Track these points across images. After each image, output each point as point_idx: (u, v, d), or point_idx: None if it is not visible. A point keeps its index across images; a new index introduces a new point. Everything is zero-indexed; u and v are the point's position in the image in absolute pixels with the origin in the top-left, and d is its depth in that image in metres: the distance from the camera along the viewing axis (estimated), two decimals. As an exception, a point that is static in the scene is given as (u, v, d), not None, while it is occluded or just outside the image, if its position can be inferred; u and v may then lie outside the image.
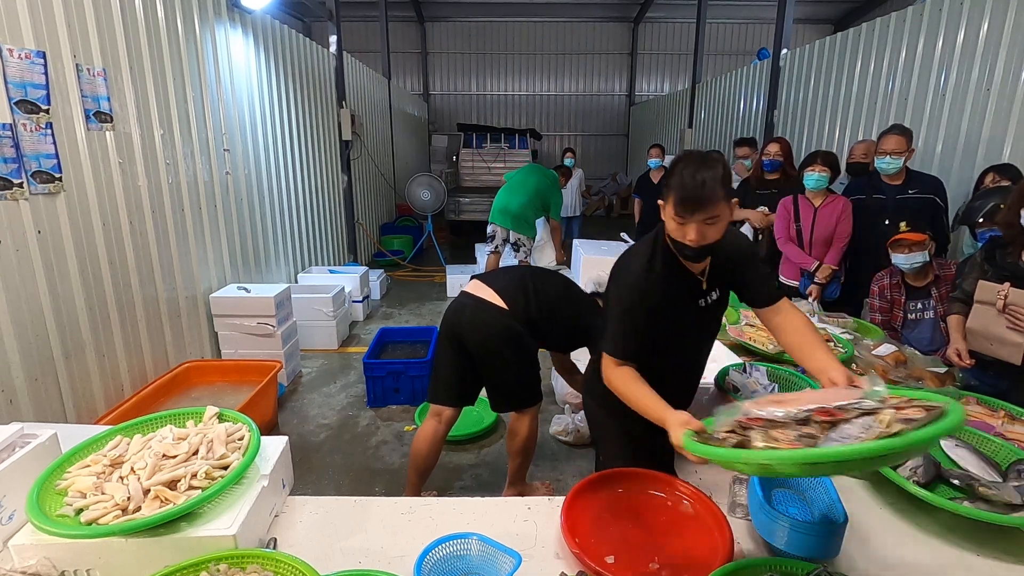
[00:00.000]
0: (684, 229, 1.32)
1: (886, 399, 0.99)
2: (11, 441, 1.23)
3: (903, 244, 2.54)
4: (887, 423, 0.92)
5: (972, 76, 3.64)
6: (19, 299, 2.38)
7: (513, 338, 2.17)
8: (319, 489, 2.85)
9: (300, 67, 5.50)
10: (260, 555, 1.10)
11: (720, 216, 1.30)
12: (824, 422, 0.98)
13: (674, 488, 1.41)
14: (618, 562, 1.18)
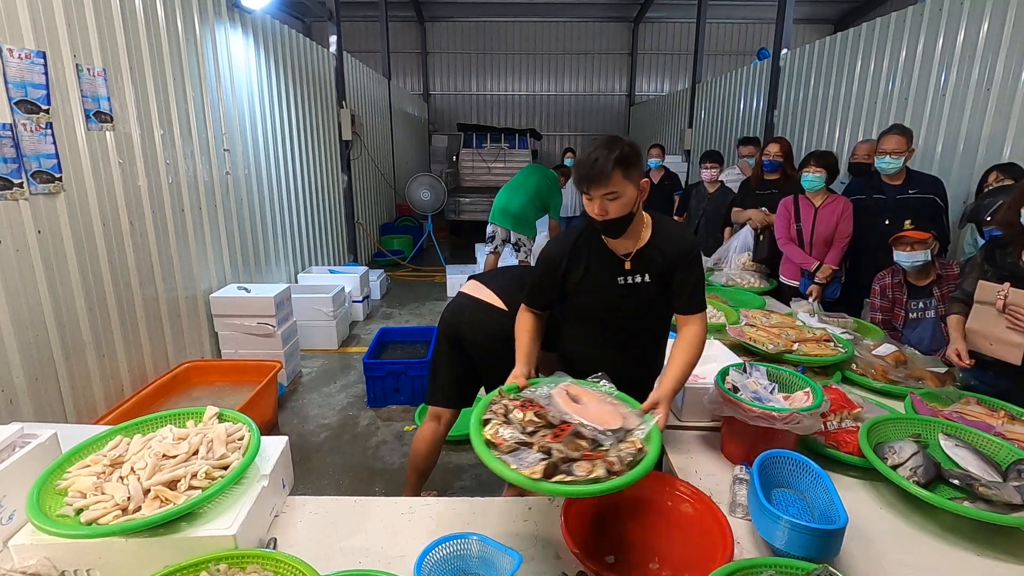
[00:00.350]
0: (590, 204, 1.50)
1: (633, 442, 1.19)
2: (11, 441, 1.23)
3: (906, 242, 2.54)
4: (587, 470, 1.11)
5: (972, 76, 3.63)
6: (19, 299, 2.38)
7: (512, 339, 2.16)
8: (319, 489, 2.85)
9: (300, 67, 5.49)
10: (260, 555, 1.10)
11: (619, 193, 1.45)
12: (556, 436, 1.19)
13: (674, 488, 1.41)
14: (618, 562, 1.18)
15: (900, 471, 1.41)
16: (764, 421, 1.48)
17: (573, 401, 1.28)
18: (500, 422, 1.27)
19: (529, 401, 1.33)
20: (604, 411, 1.22)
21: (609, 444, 1.15)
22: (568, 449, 1.15)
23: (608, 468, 1.11)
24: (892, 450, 1.48)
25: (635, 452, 1.16)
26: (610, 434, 1.17)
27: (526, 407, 1.30)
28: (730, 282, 3.51)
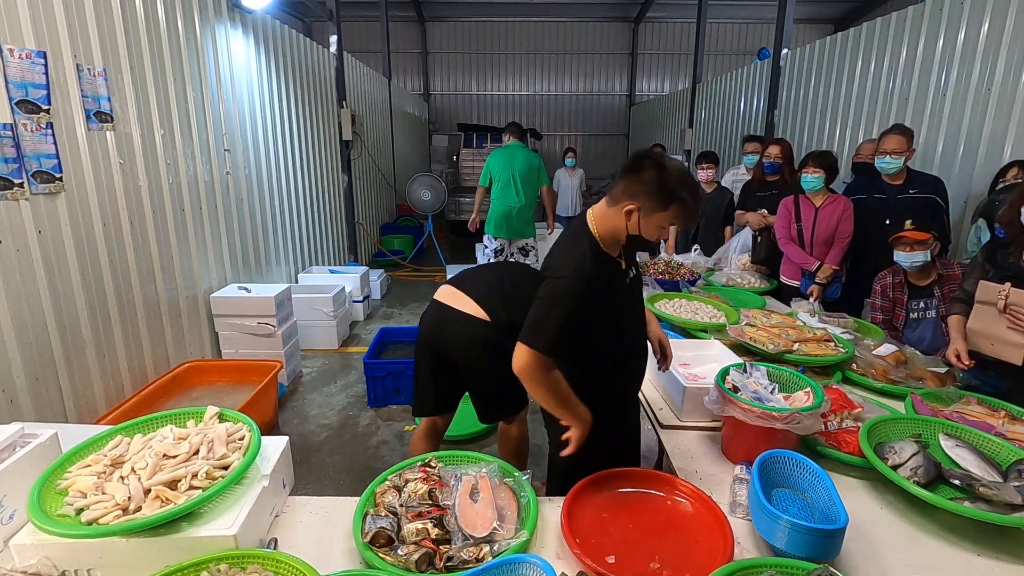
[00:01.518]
0: (665, 232, 1.51)
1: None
2: (12, 441, 1.23)
3: (905, 242, 2.53)
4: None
5: (973, 76, 3.63)
6: (20, 299, 2.38)
7: (498, 351, 2.04)
8: (319, 489, 2.85)
9: (300, 67, 5.50)
10: (260, 555, 1.10)
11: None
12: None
13: (674, 488, 1.41)
14: (618, 562, 1.18)
15: (900, 471, 1.41)
16: (764, 421, 1.48)
17: (471, 493, 1.32)
18: (391, 486, 1.36)
19: (437, 477, 1.38)
20: (484, 516, 1.25)
21: (459, 544, 1.19)
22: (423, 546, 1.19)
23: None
24: (892, 450, 1.48)
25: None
26: (465, 538, 1.20)
27: (428, 481, 1.35)
28: (730, 282, 3.51)
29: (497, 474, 1.42)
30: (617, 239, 1.53)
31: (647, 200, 1.43)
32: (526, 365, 1.45)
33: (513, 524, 1.27)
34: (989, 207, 2.78)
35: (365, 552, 1.16)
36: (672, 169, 1.44)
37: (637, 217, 1.45)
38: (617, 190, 1.49)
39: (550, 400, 1.51)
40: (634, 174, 1.44)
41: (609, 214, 1.51)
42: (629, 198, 1.45)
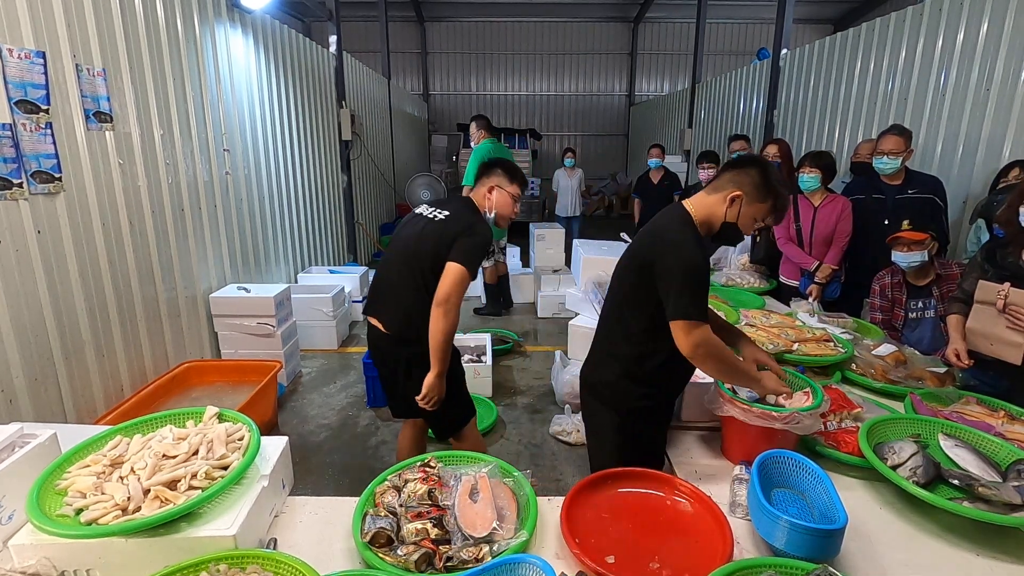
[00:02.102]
0: (754, 226, 1.60)
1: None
2: (11, 441, 1.23)
3: (903, 242, 2.54)
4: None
5: (972, 76, 3.64)
6: (19, 299, 2.38)
7: (409, 362, 2.11)
8: (319, 489, 2.85)
9: (300, 67, 5.49)
10: (260, 555, 1.10)
11: None
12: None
13: (674, 488, 1.41)
14: (618, 562, 1.18)
15: (900, 471, 1.41)
16: (764, 421, 1.48)
17: (470, 493, 1.32)
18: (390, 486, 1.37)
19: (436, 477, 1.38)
20: (484, 516, 1.25)
21: (459, 544, 1.19)
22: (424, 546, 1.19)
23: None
24: (892, 450, 1.48)
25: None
26: (465, 538, 1.20)
27: (428, 481, 1.35)
28: (730, 282, 3.51)
29: (497, 474, 1.42)
30: (711, 227, 1.60)
31: (751, 190, 1.54)
32: (691, 339, 1.47)
33: (513, 524, 1.27)
34: (988, 207, 2.79)
35: (365, 552, 1.16)
36: (773, 169, 1.58)
37: (739, 204, 1.55)
38: (721, 180, 1.59)
39: (724, 369, 1.54)
40: (741, 168, 1.57)
41: (709, 201, 1.59)
42: (735, 187, 1.55)
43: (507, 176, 2.15)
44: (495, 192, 2.14)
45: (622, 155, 14.68)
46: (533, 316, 5.80)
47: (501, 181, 2.14)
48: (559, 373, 3.65)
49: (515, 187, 2.16)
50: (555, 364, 3.81)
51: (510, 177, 2.16)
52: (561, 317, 5.46)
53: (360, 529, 1.22)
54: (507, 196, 2.14)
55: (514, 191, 2.16)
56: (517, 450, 3.27)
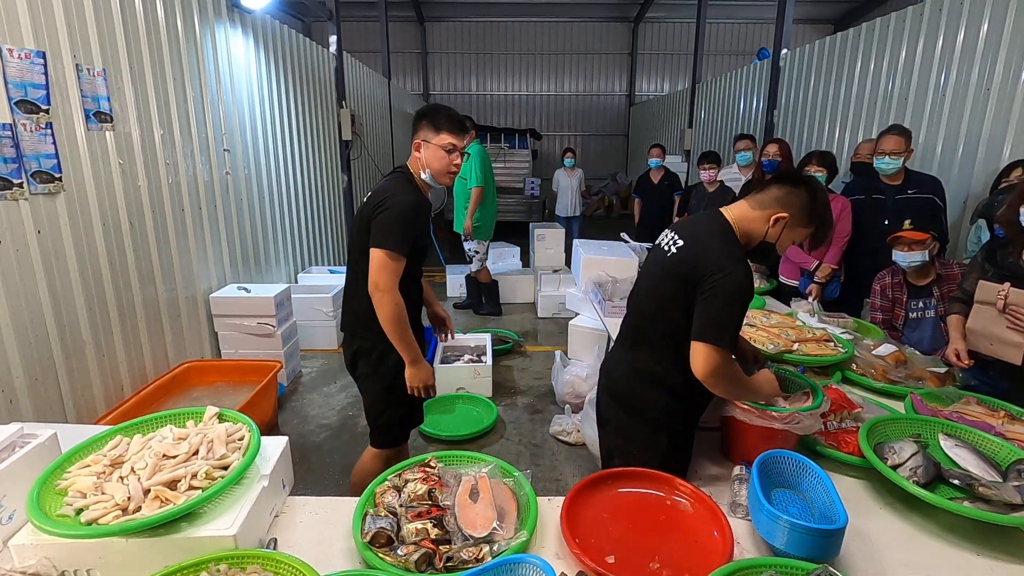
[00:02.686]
0: (793, 247, 1.61)
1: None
2: (11, 441, 1.23)
3: (903, 242, 2.53)
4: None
5: (972, 76, 3.63)
6: (19, 299, 2.38)
7: (362, 357, 2.04)
8: (319, 489, 2.85)
9: (300, 67, 5.49)
10: (260, 555, 1.10)
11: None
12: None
13: (674, 488, 1.41)
14: (618, 562, 1.18)
15: (900, 471, 1.41)
16: (764, 421, 1.48)
17: (470, 494, 1.31)
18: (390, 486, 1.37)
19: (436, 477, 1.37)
20: (484, 516, 1.25)
21: (459, 544, 1.19)
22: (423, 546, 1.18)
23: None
24: (892, 450, 1.48)
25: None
26: (465, 538, 1.20)
27: (428, 481, 1.35)
28: (730, 282, 3.50)
29: (497, 474, 1.42)
30: (748, 242, 1.55)
31: (798, 213, 1.48)
32: (710, 365, 1.41)
33: (513, 524, 1.27)
34: (989, 207, 2.78)
35: (365, 552, 1.16)
36: (822, 192, 1.52)
37: (782, 226, 1.50)
38: (767, 196, 1.51)
39: (737, 392, 1.51)
40: (790, 186, 1.50)
41: (752, 217, 1.53)
42: (781, 207, 1.49)
43: (432, 127, 1.90)
44: (422, 148, 1.92)
45: (622, 155, 14.68)
46: (533, 316, 5.80)
47: (426, 134, 1.91)
48: (559, 373, 3.65)
49: (443, 136, 1.88)
50: (555, 364, 3.81)
51: (435, 127, 1.90)
52: (561, 317, 5.47)
53: (360, 529, 1.22)
54: (435, 149, 1.90)
55: (441, 142, 1.89)
56: (517, 450, 3.27)
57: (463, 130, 1.94)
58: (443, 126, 1.89)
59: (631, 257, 3.95)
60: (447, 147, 1.89)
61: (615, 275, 3.49)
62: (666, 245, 1.59)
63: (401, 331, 1.88)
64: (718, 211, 1.57)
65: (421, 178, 1.97)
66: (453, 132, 1.90)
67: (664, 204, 5.81)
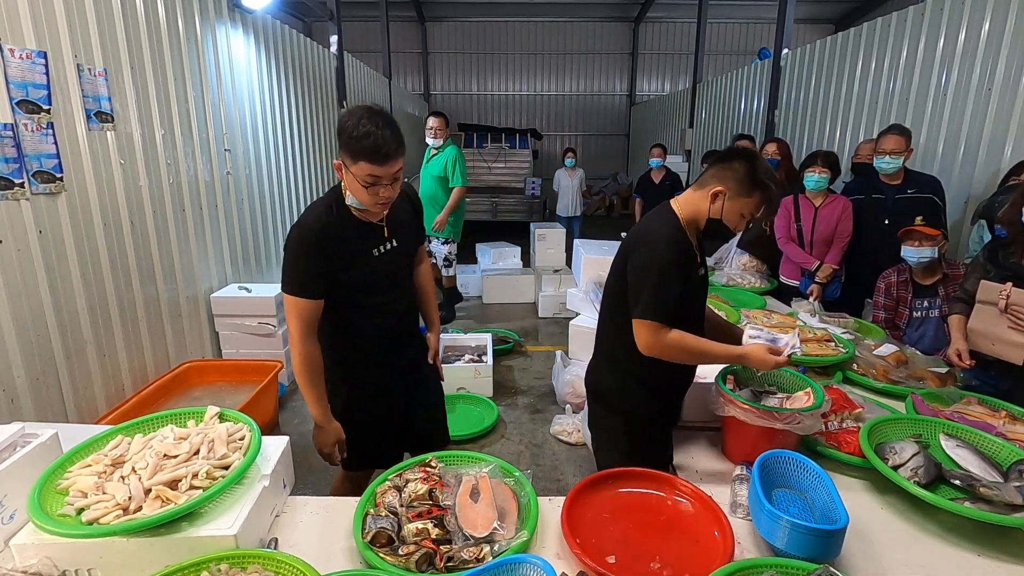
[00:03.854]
0: (743, 222, 1.57)
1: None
2: (12, 440, 1.23)
3: (915, 237, 2.52)
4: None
5: (973, 76, 3.63)
6: (20, 299, 2.38)
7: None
8: (320, 489, 2.85)
9: (301, 67, 5.50)
10: (261, 555, 1.10)
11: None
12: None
13: (675, 488, 1.41)
14: (619, 562, 1.18)
15: (901, 471, 1.41)
16: (764, 421, 1.48)
17: (471, 493, 1.32)
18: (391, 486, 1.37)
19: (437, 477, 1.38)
20: (484, 516, 1.26)
21: (460, 544, 1.19)
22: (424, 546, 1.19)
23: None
24: (893, 450, 1.48)
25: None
26: (466, 538, 1.20)
27: (429, 481, 1.35)
28: (730, 282, 3.51)
29: (497, 474, 1.42)
30: (697, 224, 1.58)
31: (735, 185, 1.51)
32: (647, 339, 1.49)
33: (513, 524, 1.27)
34: (989, 208, 2.78)
35: (365, 552, 1.16)
36: (761, 162, 1.53)
37: (722, 200, 1.52)
38: (705, 176, 1.57)
39: (689, 358, 1.56)
40: (724, 162, 1.54)
41: (694, 198, 1.57)
42: (717, 182, 1.53)
43: (347, 151, 1.45)
44: (342, 171, 1.52)
45: (623, 155, 14.68)
46: (534, 316, 5.80)
47: (344, 157, 1.48)
48: (560, 373, 3.65)
49: (361, 166, 1.43)
50: (556, 364, 3.81)
51: (350, 152, 1.44)
52: (562, 317, 5.46)
53: (361, 529, 1.22)
54: (351, 179, 1.48)
55: (359, 172, 1.44)
56: (518, 450, 3.27)
57: (388, 157, 1.44)
58: (360, 154, 1.42)
59: (632, 257, 3.93)
60: (365, 180, 1.45)
61: (616, 275, 3.48)
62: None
63: (305, 384, 1.63)
64: (667, 202, 1.64)
65: (347, 202, 1.58)
66: (375, 162, 1.42)
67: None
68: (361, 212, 1.59)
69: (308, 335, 1.59)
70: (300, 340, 1.59)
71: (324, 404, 1.69)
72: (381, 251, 1.66)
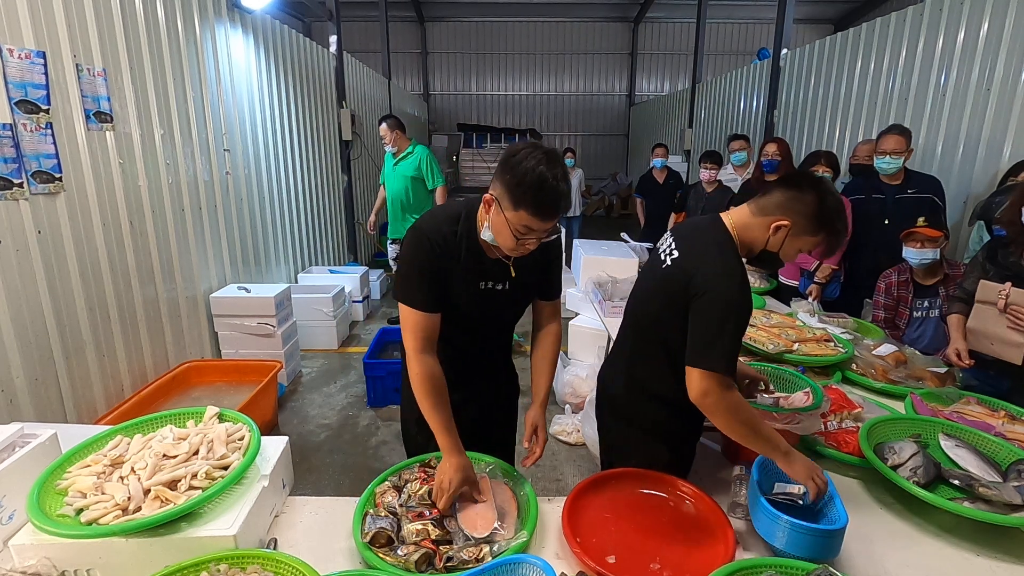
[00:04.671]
0: (800, 258, 1.37)
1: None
2: (11, 441, 1.23)
3: (917, 238, 2.51)
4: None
5: (972, 76, 3.63)
6: (19, 299, 2.38)
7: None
8: (319, 489, 2.85)
9: (300, 67, 5.49)
10: (260, 555, 1.10)
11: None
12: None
13: (675, 488, 1.41)
14: (619, 562, 1.18)
15: (900, 471, 1.41)
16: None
17: (474, 495, 1.33)
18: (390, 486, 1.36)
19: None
20: (484, 517, 1.27)
21: (459, 544, 1.21)
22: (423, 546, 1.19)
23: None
24: (892, 450, 1.48)
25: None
26: (465, 539, 1.22)
27: (428, 481, 1.35)
28: (730, 282, 3.50)
29: (497, 474, 1.42)
30: (750, 250, 1.42)
31: (802, 221, 1.33)
32: (703, 391, 1.27)
33: (513, 524, 1.27)
34: (987, 208, 2.78)
35: (365, 552, 1.16)
36: (833, 196, 1.35)
37: (784, 235, 1.35)
38: (769, 202, 1.37)
39: (738, 428, 1.29)
40: (794, 190, 1.34)
41: (753, 224, 1.38)
42: (782, 213, 1.34)
43: (510, 196, 1.28)
44: (492, 208, 1.34)
45: (622, 155, 14.68)
46: (533, 316, 5.79)
47: (502, 198, 1.30)
48: (560, 373, 3.65)
49: (521, 215, 1.28)
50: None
51: (513, 200, 1.28)
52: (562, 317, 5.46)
53: (360, 529, 1.22)
54: (503, 222, 1.31)
55: (518, 220, 1.29)
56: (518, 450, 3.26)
57: (555, 215, 1.33)
58: (524, 203, 1.27)
59: (631, 257, 3.94)
60: (519, 230, 1.31)
61: (615, 275, 3.48)
62: (663, 253, 1.48)
63: (428, 407, 1.41)
64: (719, 218, 1.44)
65: (481, 235, 1.42)
66: (539, 217, 1.29)
67: (670, 202, 5.80)
68: (491, 247, 1.42)
69: (423, 349, 1.41)
70: (413, 354, 1.40)
71: (450, 431, 1.38)
72: (488, 287, 1.46)
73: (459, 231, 1.41)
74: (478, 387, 1.62)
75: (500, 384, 1.77)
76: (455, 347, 1.54)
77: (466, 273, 1.43)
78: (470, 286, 1.45)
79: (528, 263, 1.47)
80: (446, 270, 1.41)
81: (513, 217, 1.29)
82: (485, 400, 1.67)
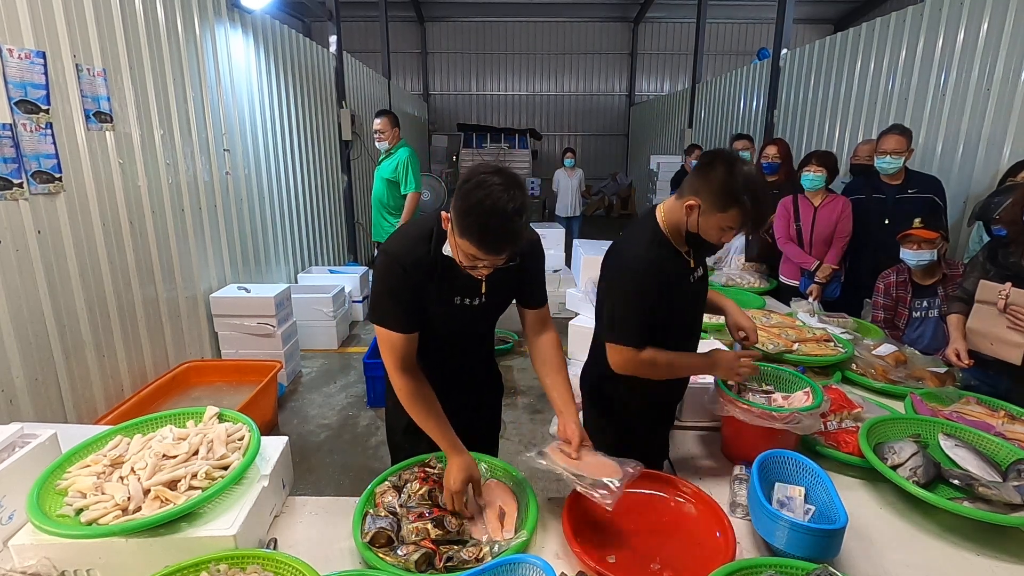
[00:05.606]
0: (727, 235, 1.43)
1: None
2: (11, 441, 1.23)
3: (913, 240, 2.51)
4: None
5: (972, 76, 3.63)
6: (19, 299, 2.38)
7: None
8: (319, 489, 2.85)
9: (300, 67, 5.49)
10: (260, 555, 1.10)
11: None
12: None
13: (675, 488, 1.41)
14: (619, 562, 1.18)
15: (900, 471, 1.41)
16: (764, 421, 1.48)
17: (569, 457, 1.31)
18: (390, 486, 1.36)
19: (436, 477, 1.37)
20: (603, 464, 1.27)
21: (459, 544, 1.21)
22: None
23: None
24: (892, 450, 1.48)
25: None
26: (616, 485, 1.21)
27: (428, 481, 1.35)
28: (730, 282, 3.51)
29: (497, 474, 1.42)
30: (680, 235, 1.49)
31: (710, 197, 1.37)
32: (617, 362, 1.48)
33: (513, 524, 1.27)
34: (985, 209, 2.78)
35: (365, 552, 1.16)
36: (740, 172, 1.35)
37: (696, 214, 1.40)
38: (686, 183, 1.44)
39: (663, 374, 1.51)
40: (703, 171, 1.39)
41: (675, 207, 1.46)
42: (692, 193, 1.40)
43: (457, 222, 1.20)
44: (448, 225, 1.28)
45: (622, 155, 14.68)
46: (533, 316, 5.79)
47: (452, 223, 1.24)
48: (559, 373, 3.65)
49: (462, 243, 1.21)
50: (555, 364, 3.80)
51: (458, 226, 1.20)
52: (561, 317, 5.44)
53: (360, 529, 1.22)
54: (454, 243, 1.27)
55: (462, 247, 1.23)
56: (517, 450, 3.27)
57: (502, 250, 1.22)
58: (472, 237, 1.18)
59: (631, 257, 3.93)
60: (464, 259, 1.26)
61: (615, 275, 3.48)
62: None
63: (420, 419, 1.40)
64: (654, 207, 1.55)
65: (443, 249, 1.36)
66: (483, 250, 1.20)
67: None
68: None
69: (404, 368, 1.40)
70: (395, 372, 1.40)
71: (447, 433, 1.38)
72: (462, 302, 1.43)
73: (432, 249, 1.35)
74: (459, 400, 1.56)
75: (483, 393, 1.76)
76: (434, 361, 1.52)
77: (440, 291, 1.40)
78: (445, 303, 1.42)
79: (500, 277, 1.39)
80: (421, 289, 1.37)
81: (461, 243, 1.22)
82: (467, 411, 1.63)
